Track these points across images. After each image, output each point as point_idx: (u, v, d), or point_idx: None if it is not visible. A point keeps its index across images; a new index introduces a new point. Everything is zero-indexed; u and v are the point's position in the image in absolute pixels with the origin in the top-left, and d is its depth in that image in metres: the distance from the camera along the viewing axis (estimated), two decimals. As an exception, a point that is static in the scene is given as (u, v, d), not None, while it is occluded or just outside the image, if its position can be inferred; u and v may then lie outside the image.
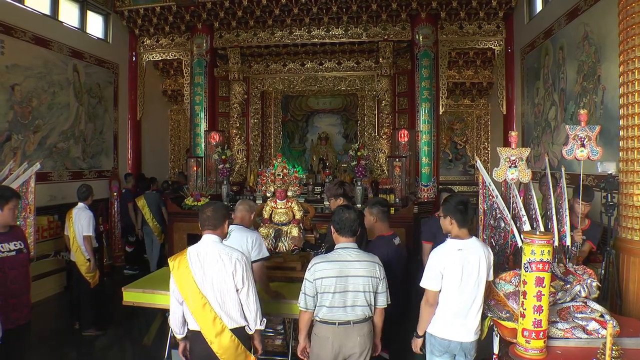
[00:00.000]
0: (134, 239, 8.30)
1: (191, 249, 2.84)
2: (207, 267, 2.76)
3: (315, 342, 2.88)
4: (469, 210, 2.98)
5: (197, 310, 2.74)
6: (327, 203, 4.52)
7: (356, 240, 3.00)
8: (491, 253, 2.97)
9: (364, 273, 2.83)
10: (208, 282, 2.75)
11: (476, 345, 2.94)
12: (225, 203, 7.32)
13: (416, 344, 3.04)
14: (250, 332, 2.86)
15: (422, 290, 2.93)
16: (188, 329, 2.86)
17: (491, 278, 2.96)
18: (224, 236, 2.97)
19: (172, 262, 2.85)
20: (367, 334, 2.86)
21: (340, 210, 2.98)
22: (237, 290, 2.78)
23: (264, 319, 2.88)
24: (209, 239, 2.86)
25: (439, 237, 4.01)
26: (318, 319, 2.85)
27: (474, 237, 2.96)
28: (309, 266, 2.88)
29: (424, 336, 2.99)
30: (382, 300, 2.92)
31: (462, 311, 2.84)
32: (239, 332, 2.79)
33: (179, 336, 2.91)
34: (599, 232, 4.03)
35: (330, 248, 3.79)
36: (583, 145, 3.21)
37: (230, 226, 3.57)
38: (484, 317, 2.97)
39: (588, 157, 3.24)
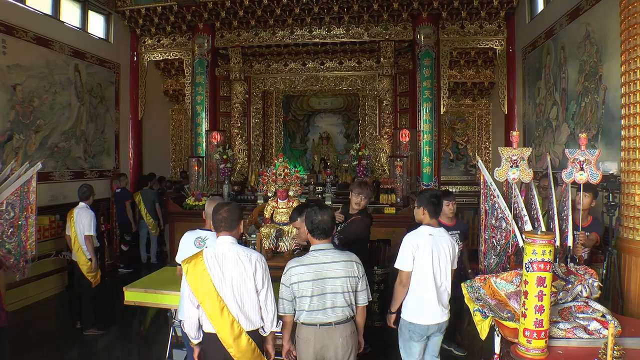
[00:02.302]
0: (130, 238, 8.38)
1: (207, 251, 2.77)
2: (226, 268, 2.69)
3: (298, 344, 2.87)
4: (441, 203, 3.38)
5: (215, 313, 2.67)
6: (352, 196, 4.35)
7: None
8: (456, 244, 3.39)
9: (341, 274, 2.80)
10: (227, 284, 2.68)
11: (447, 323, 3.34)
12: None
13: (390, 320, 3.36)
14: (265, 334, 2.81)
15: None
16: (203, 332, 2.78)
17: (455, 267, 3.36)
18: (239, 237, 2.92)
19: (186, 265, 2.76)
20: (349, 335, 2.84)
21: (314, 212, 2.89)
22: (256, 292, 2.73)
23: (280, 321, 2.83)
24: (225, 240, 2.78)
25: None
26: (299, 322, 2.84)
27: (442, 228, 3.34)
28: (285, 270, 2.84)
29: (397, 313, 3.29)
30: (363, 298, 2.91)
31: (437, 295, 3.17)
32: (255, 335, 2.75)
33: (195, 341, 2.81)
34: (601, 227, 4.03)
35: (346, 242, 3.78)
36: (582, 169, 3.27)
37: (205, 232, 3.56)
38: (485, 316, 2.97)
39: (588, 181, 3.28)
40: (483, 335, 3.00)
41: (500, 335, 2.94)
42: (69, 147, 7.64)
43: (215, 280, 2.68)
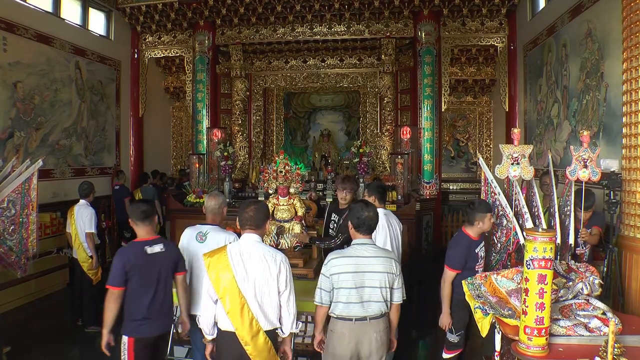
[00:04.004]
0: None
1: (232, 247, 2.78)
2: (250, 267, 2.70)
3: (331, 338, 2.87)
4: (386, 192, 4.34)
5: (235, 310, 2.67)
6: (337, 192, 4.43)
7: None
8: (400, 222, 4.11)
9: (380, 269, 2.83)
10: (250, 283, 2.69)
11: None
12: (228, 200, 7.33)
13: None
14: (283, 336, 2.82)
15: None
16: (219, 329, 2.77)
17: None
18: (263, 236, 2.93)
19: (207, 259, 2.76)
20: (383, 330, 2.85)
21: (360, 208, 2.94)
22: (278, 293, 2.75)
23: (299, 323, 2.85)
24: (251, 238, 2.79)
25: (470, 262, 3.51)
26: (334, 315, 2.84)
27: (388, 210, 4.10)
28: (326, 261, 2.87)
29: None
30: (398, 296, 2.93)
31: None
32: (271, 335, 2.76)
33: (209, 337, 2.82)
34: (603, 219, 4.03)
35: (347, 239, 3.80)
36: (585, 166, 3.30)
37: (205, 226, 3.57)
38: (485, 314, 2.97)
39: (589, 179, 3.32)
40: (484, 332, 3.01)
41: (500, 333, 2.95)
42: (70, 144, 7.64)
43: (238, 277, 2.69)
